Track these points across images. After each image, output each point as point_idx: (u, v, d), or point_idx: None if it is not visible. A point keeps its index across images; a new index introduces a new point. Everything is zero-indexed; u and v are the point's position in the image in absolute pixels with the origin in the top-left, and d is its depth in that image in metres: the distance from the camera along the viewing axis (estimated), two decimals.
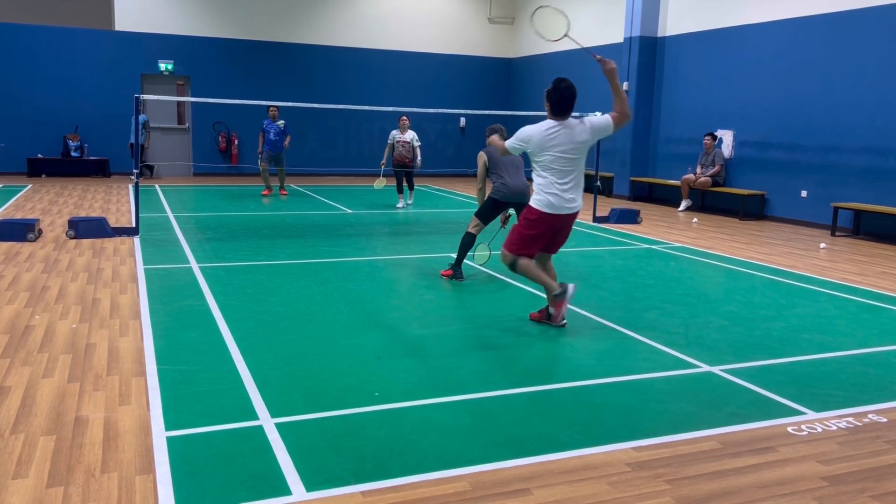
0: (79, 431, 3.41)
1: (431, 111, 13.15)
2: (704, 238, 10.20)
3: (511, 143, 5.38)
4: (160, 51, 17.46)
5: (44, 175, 16.44)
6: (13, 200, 12.15)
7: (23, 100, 16.52)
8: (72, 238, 8.58)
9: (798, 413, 3.89)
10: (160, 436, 3.37)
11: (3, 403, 3.72)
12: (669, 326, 5.53)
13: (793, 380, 4.41)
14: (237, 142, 18.24)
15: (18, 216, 10.26)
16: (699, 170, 13.60)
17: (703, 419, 3.76)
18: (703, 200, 13.92)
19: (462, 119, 20.09)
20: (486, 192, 6.96)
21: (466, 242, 6.87)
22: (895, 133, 10.58)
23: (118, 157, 16.94)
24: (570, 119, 5.21)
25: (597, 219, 11.50)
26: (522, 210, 7.19)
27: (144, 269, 7.02)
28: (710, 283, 7.39)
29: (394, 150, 12.86)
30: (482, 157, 6.84)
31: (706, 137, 13.44)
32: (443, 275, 6.96)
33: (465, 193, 15.63)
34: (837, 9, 11.38)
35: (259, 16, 18.22)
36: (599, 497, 2.94)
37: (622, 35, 15.63)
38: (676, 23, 14.71)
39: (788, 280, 7.44)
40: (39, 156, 16.67)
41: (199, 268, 7.19)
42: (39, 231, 8.74)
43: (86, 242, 8.38)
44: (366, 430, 3.50)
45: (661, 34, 15.03)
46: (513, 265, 5.37)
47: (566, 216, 5.28)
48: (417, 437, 3.45)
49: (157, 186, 15.12)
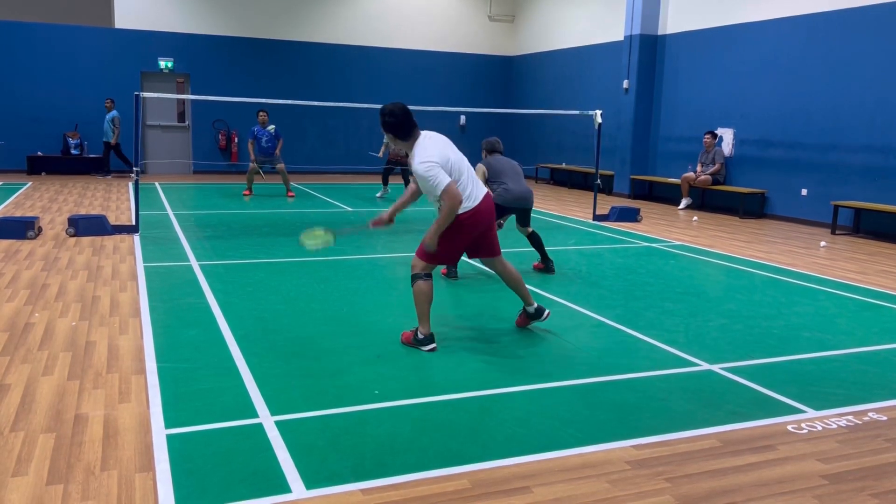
0: (78, 429, 3.41)
1: (431, 109, 13.13)
2: (704, 236, 10.19)
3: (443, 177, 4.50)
4: (160, 48, 17.45)
5: (43, 173, 16.44)
6: (13, 198, 12.14)
7: (23, 97, 16.51)
8: (72, 236, 8.57)
9: (798, 411, 3.89)
10: (160, 433, 3.37)
11: (3, 401, 3.72)
12: (669, 325, 5.53)
13: (793, 378, 4.41)
14: (237, 140, 18.23)
15: (18, 214, 10.26)
16: (699, 168, 13.60)
17: (703, 417, 3.76)
18: (703, 199, 13.91)
19: (462, 117, 20.07)
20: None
21: None
22: (895, 131, 10.59)
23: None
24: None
25: (597, 217, 11.50)
26: (524, 216, 7.20)
27: (144, 267, 7.02)
28: (710, 282, 7.39)
29: (389, 148, 13.09)
30: (481, 169, 6.82)
31: (706, 135, 13.43)
32: (442, 273, 6.97)
33: None
34: (838, 7, 11.37)
35: (259, 13, 18.21)
36: (599, 495, 2.94)
37: (622, 33, 15.63)
38: (677, 21, 14.70)
39: (788, 278, 7.44)
40: (39, 153, 16.67)
41: (199, 266, 7.19)
42: (39, 229, 8.74)
43: (86, 240, 8.38)
44: (365, 428, 3.50)
45: (662, 32, 15.02)
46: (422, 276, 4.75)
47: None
48: (417, 435, 3.45)
49: (158, 184, 15.12)
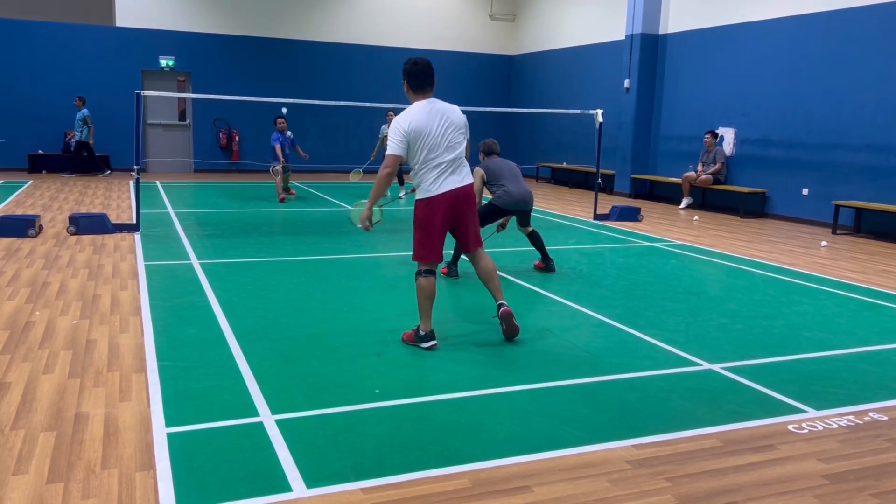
0: (79, 427, 3.41)
1: None
2: (705, 236, 10.19)
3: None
4: (161, 47, 17.45)
5: (44, 171, 16.44)
6: (14, 196, 12.15)
7: (24, 96, 16.52)
8: (72, 234, 8.57)
9: (799, 411, 3.88)
10: (160, 432, 3.37)
11: (4, 399, 3.72)
12: (670, 324, 5.52)
13: (793, 378, 4.40)
14: (238, 138, 18.24)
15: (19, 212, 10.26)
16: (700, 167, 13.59)
17: (704, 417, 3.76)
18: (704, 198, 13.90)
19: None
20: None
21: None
22: None
23: (119, 154, 16.93)
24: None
25: (597, 216, 11.49)
26: (525, 216, 7.20)
27: (145, 266, 7.02)
28: (711, 281, 7.39)
29: (383, 145, 13.22)
30: (479, 172, 6.80)
31: (707, 135, 13.42)
32: (442, 272, 6.97)
33: None
34: (839, 6, 11.35)
35: (260, 12, 18.21)
36: (600, 494, 2.93)
37: (623, 32, 15.62)
38: (678, 20, 14.68)
39: (789, 278, 7.43)
40: (40, 151, 16.67)
41: (200, 264, 7.19)
42: (40, 227, 8.74)
43: (86, 239, 8.38)
44: (366, 427, 3.50)
45: (663, 31, 15.01)
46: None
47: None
48: (417, 434, 3.45)
49: (158, 183, 15.12)
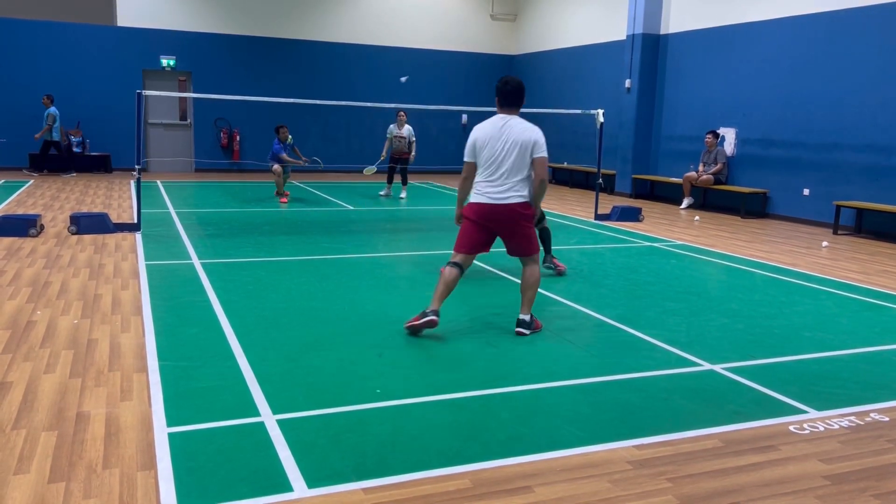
0: (80, 427, 3.41)
1: (433, 108, 13.15)
2: (706, 236, 10.19)
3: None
4: (162, 46, 17.45)
5: (45, 171, 16.44)
6: (15, 196, 12.15)
7: (24, 95, 16.50)
8: (73, 234, 8.58)
9: (800, 412, 3.88)
10: (161, 432, 3.37)
11: (5, 399, 3.72)
12: (671, 324, 5.52)
13: (794, 378, 4.40)
14: (239, 138, 18.23)
15: (20, 212, 10.26)
16: (701, 167, 13.58)
17: (705, 417, 3.76)
18: (705, 198, 13.90)
19: (464, 116, 20.06)
20: None
21: None
22: None
23: (120, 153, 16.93)
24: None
25: (598, 216, 11.49)
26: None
27: (146, 265, 7.02)
28: (712, 281, 7.39)
29: (393, 144, 13.65)
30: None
31: (708, 135, 13.42)
32: (442, 271, 6.95)
33: None
34: (840, 6, 11.35)
35: (261, 12, 18.20)
36: (601, 495, 2.93)
37: (624, 32, 15.61)
38: (679, 20, 14.68)
39: (790, 278, 7.43)
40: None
41: (201, 264, 7.19)
42: (41, 227, 8.74)
43: (87, 238, 8.38)
44: (367, 427, 3.50)
45: (664, 31, 15.01)
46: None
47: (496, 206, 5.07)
48: (419, 434, 3.45)
49: (159, 182, 15.12)
